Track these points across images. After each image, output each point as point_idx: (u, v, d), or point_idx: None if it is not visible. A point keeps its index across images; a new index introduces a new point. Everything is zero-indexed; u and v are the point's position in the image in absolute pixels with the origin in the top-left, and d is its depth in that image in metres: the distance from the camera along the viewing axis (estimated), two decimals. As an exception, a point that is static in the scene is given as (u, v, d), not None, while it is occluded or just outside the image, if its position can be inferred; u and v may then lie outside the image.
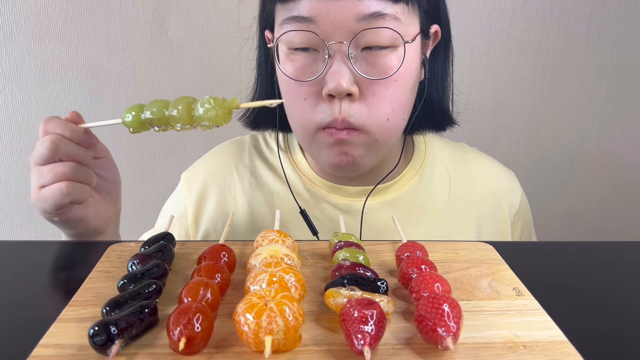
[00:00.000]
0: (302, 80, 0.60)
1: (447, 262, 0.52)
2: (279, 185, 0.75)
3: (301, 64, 0.60)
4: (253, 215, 0.74)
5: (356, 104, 0.60)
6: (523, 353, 0.38)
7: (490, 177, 0.78)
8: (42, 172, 0.56)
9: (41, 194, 0.56)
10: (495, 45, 1.43)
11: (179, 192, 0.79)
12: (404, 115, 0.64)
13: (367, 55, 0.59)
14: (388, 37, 0.58)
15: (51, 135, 0.55)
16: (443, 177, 0.76)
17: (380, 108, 0.60)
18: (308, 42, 0.59)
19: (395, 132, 0.64)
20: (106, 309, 0.39)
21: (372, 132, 0.61)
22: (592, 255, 0.58)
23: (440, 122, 0.73)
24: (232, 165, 0.77)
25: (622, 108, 1.51)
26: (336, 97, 0.59)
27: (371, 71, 0.59)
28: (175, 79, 1.37)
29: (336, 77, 0.58)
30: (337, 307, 0.40)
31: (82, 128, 0.57)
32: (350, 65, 0.58)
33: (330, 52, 0.58)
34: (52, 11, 1.30)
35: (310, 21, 0.57)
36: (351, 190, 0.72)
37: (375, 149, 0.64)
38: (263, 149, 0.79)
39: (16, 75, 1.33)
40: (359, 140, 0.62)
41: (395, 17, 0.58)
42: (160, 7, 1.33)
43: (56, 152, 0.55)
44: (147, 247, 0.50)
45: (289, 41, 0.60)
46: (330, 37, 0.58)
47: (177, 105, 0.53)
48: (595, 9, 1.43)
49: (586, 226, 1.59)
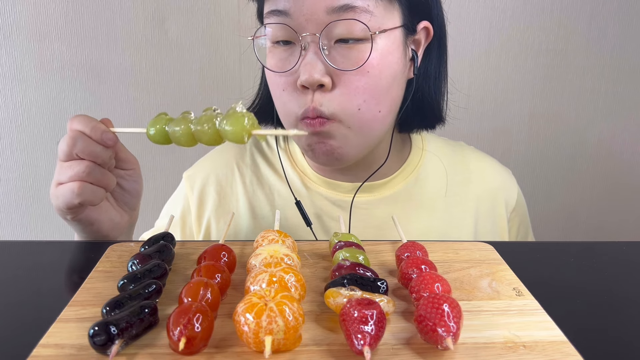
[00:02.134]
0: (280, 72, 0.63)
1: (447, 262, 0.52)
2: (280, 184, 0.76)
3: (280, 57, 0.63)
4: (254, 214, 0.75)
5: (328, 94, 0.61)
6: (523, 353, 0.38)
7: (487, 175, 0.79)
8: (62, 169, 0.56)
9: (57, 190, 0.57)
10: (495, 45, 1.43)
11: (180, 191, 0.80)
12: (380, 108, 0.63)
13: (339, 48, 0.60)
14: (359, 29, 0.59)
15: (72, 131, 0.56)
16: (440, 175, 0.76)
17: (351, 98, 0.61)
18: (285, 36, 0.62)
19: (371, 123, 0.64)
20: (106, 309, 0.39)
21: (343, 120, 0.62)
22: (592, 255, 0.58)
23: (429, 120, 0.73)
24: (234, 164, 0.78)
25: (622, 108, 1.51)
26: (309, 87, 0.61)
27: (343, 62, 0.60)
28: (175, 79, 1.37)
29: (308, 68, 0.59)
30: (337, 307, 0.40)
31: (103, 126, 0.57)
32: (322, 57, 0.60)
33: (304, 45, 0.60)
34: (52, 11, 1.30)
35: (285, 14, 0.60)
36: (347, 187, 0.73)
37: (352, 138, 0.64)
38: (264, 148, 0.79)
39: (16, 75, 1.33)
40: (334, 130, 0.63)
41: (366, 9, 0.59)
42: (160, 7, 1.33)
43: (74, 147, 0.55)
44: (147, 247, 0.50)
45: (270, 35, 0.63)
46: (303, 29, 0.60)
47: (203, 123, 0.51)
48: (595, 9, 1.43)
49: (586, 226, 1.59)
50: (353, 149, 0.65)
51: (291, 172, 0.75)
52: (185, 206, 0.77)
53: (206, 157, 0.82)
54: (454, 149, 0.80)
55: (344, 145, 0.64)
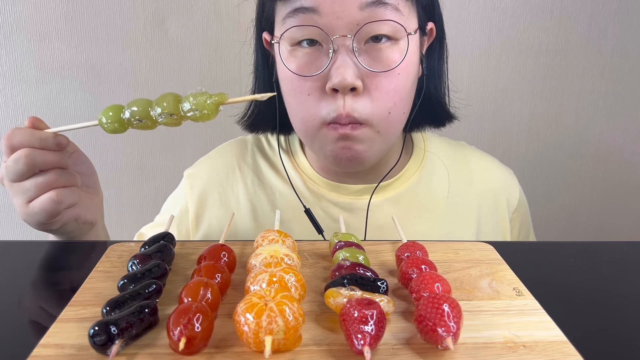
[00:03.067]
0: (307, 75, 0.60)
1: (447, 262, 0.52)
2: (282, 184, 0.75)
3: (305, 60, 0.61)
4: (255, 214, 0.74)
5: (360, 98, 0.60)
6: (523, 353, 0.38)
7: (488, 175, 0.79)
8: (24, 188, 0.55)
9: (31, 208, 0.56)
10: (495, 45, 1.43)
11: (180, 190, 0.79)
12: (405, 109, 0.64)
13: (370, 49, 0.59)
14: (389, 27, 0.58)
15: (23, 150, 0.54)
16: (442, 175, 0.76)
17: (384, 101, 0.61)
18: (312, 35, 0.59)
19: (396, 125, 0.65)
20: (106, 309, 0.39)
21: (374, 124, 0.62)
22: (592, 255, 0.58)
23: (439, 117, 0.73)
24: (235, 164, 0.78)
25: (622, 108, 1.51)
26: (340, 91, 0.59)
27: (375, 64, 0.59)
28: (175, 79, 1.37)
29: (341, 71, 0.58)
30: (337, 307, 0.40)
31: (50, 133, 0.55)
32: (355, 59, 0.58)
33: (334, 47, 0.58)
34: (52, 11, 1.30)
35: (313, 11, 0.58)
36: (352, 189, 0.72)
37: (378, 142, 0.64)
38: (265, 149, 0.79)
39: (16, 75, 1.33)
40: (363, 135, 0.62)
41: (396, 7, 0.58)
42: (160, 7, 1.33)
43: (34, 166, 0.54)
44: (147, 247, 0.50)
45: (290, 36, 0.60)
46: (334, 30, 0.58)
47: (163, 100, 0.53)
48: (595, 9, 1.43)
49: (586, 226, 1.59)
50: (376, 153, 0.65)
51: (293, 173, 0.75)
52: (183, 205, 0.77)
53: (207, 157, 0.81)
54: (455, 149, 0.80)
55: (369, 149, 0.64)
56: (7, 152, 0.55)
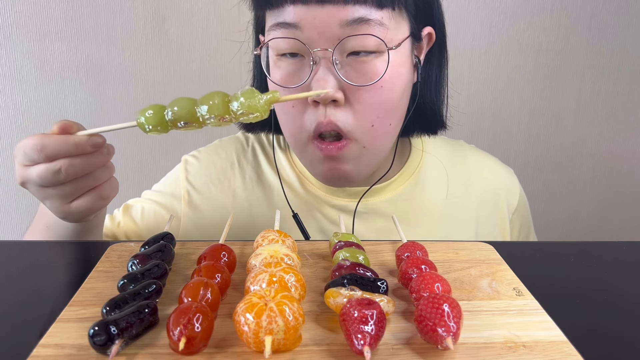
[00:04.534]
0: (289, 87, 0.61)
1: (447, 262, 0.52)
2: (279, 182, 0.75)
3: (288, 71, 0.61)
4: (252, 212, 0.74)
5: (341, 109, 0.60)
6: (523, 353, 0.38)
7: (488, 175, 0.78)
8: (64, 192, 0.53)
9: (75, 208, 0.54)
10: (495, 45, 1.43)
11: (176, 173, 0.78)
12: (391, 121, 0.63)
13: (352, 62, 0.59)
14: (373, 42, 0.58)
15: (61, 161, 0.50)
16: (441, 176, 0.76)
17: (365, 114, 0.60)
18: (294, 48, 0.59)
19: (383, 138, 0.64)
20: (106, 309, 0.39)
21: (358, 139, 0.61)
22: (592, 255, 0.58)
23: (431, 125, 0.72)
24: (235, 159, 0.77)
25: (622, 108, 1.51)
26: (321, 103, 0.60)
27: (357, 77, 0.59)
28: (175, 79, 1.37)
29: (321, 83, 0.58)
30: (337, 307, 0.40)
31: (84, 136, 0.52)
32: (335, 72, 0.58)
33: (315, 59, 0.58)
34: (52, 11, 1.30)
35: (295, 27, 0.58)
36: (349, 191, 0.72)
37: (365, 158, 0.64)
38: (266, 146, 0.79)
39: (16, 75, 1.33)
40: (350, 153, 0.62)
41: (380, 22, 0.58)
42: (160, 7, 1.33)
43: (75, 175, 0.52)
44: (147, 247, 0.50)
45: (276, 47, 0.61)
46: (315, 43, 0.58)
47: (209, 99, 0.49)
48: (595, 9, 1.43)
49: (586, 226, 1.59)
50: (365, 169, 0.65)
51: (290, 173, 0.75)
52: (176, 189, 0.76)
53: (208, 148, 0.80)
54: (454, 148, 0.80)
55: (357, 167, 0.64)
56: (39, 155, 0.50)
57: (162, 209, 0.76)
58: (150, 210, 0.75)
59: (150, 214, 0.75)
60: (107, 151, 0.54)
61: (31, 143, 0.50)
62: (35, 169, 0.51)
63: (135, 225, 0.74)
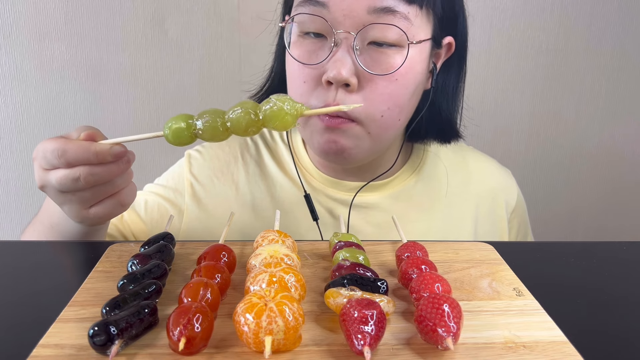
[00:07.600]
0: (306, 63, 0.62)
1: (447, 262, 0.52)
2: (282, 176, 0.75)
3: (308, 48, 0.62)
4: (254, 206, 0.74)
5: (353, 95, 0.61)
6: (523, 353, 0.38)
7: (487, 175, 0.79)
8: (83, 198, 0.52)
9: (94, 213, 0.53)
10: (495, 45, 1.43)
11: (179, 167, 0.79)
12: (401, 116, 0.64)
13: (372, 51, 0.60)
14: (394, 35, 0.59)
15: (81, 168, 0.49)
16: (441, 174, 0.77)
17: (377, 104, 0.61)
18: (318, 27, 0.61)
19: (389, 130, 0.65)
20: (106, 309, 0.39)
21: (365, 124, 0.62)
22: (592, 255, 0.58)
23: (446, 134, 0.73)
24: (238, 153, 0.78)
25: (622, 108, 1.51)
26: (334, 84, 0.60)
27: (373, 66, 0.60)
28: (175, 79, 1.37)
29: (337, 65, 0.59)
30: (337, 307, 0.40)
31: (106, 145, 0.50)
32: (354, 57, 0.59)
33: (336, 41, 0.59)
34: (52, 11, 1.30)
35: (323, 6, 0.59)
36: (350, 185, 0.73)
37: (366, 142, 0.64)
38: (269, 140, 0.79)
39: (16, 75, 1.33)
40: (351, 131, 0.62)
41: (405, 16, 0.59)
42: (160, 7, 1.33)
43: (94, 183, 0.51)
44: (147, 247, 0.50)
45: (300, 23, 0.62)
46: (339, 25, 0.59)
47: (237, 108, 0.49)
48: (595, 9, 1.43)
49: (586, 226, 1.59)
50: (363, 152, 0.65)
51: (293, 168, 0.75)
52: (179, 183, 0.76)
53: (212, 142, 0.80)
54: (454, 149, 0.80)
55: (356, 147, 0.64)
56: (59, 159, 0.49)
57: (166, 202, 0.76)
58: (154, 203, 0.76)
59: (154, 207, 0.75)
60: (127, 159, 0.54)
61: (52, 147, 0.49)
62: (55, 174, 0.50)
63: (138, 218, 0.75)
